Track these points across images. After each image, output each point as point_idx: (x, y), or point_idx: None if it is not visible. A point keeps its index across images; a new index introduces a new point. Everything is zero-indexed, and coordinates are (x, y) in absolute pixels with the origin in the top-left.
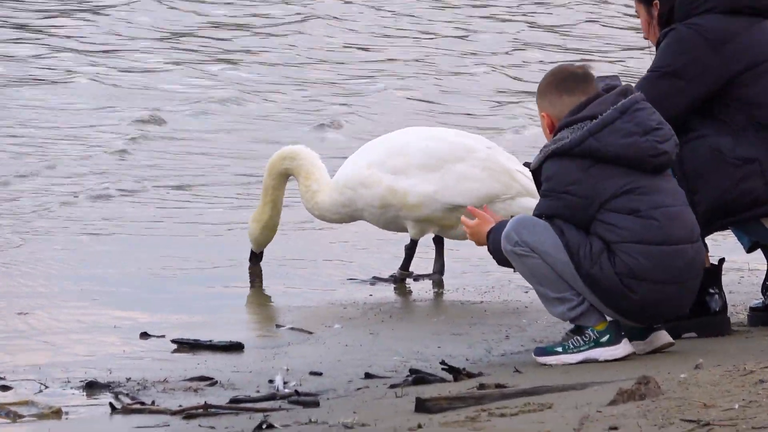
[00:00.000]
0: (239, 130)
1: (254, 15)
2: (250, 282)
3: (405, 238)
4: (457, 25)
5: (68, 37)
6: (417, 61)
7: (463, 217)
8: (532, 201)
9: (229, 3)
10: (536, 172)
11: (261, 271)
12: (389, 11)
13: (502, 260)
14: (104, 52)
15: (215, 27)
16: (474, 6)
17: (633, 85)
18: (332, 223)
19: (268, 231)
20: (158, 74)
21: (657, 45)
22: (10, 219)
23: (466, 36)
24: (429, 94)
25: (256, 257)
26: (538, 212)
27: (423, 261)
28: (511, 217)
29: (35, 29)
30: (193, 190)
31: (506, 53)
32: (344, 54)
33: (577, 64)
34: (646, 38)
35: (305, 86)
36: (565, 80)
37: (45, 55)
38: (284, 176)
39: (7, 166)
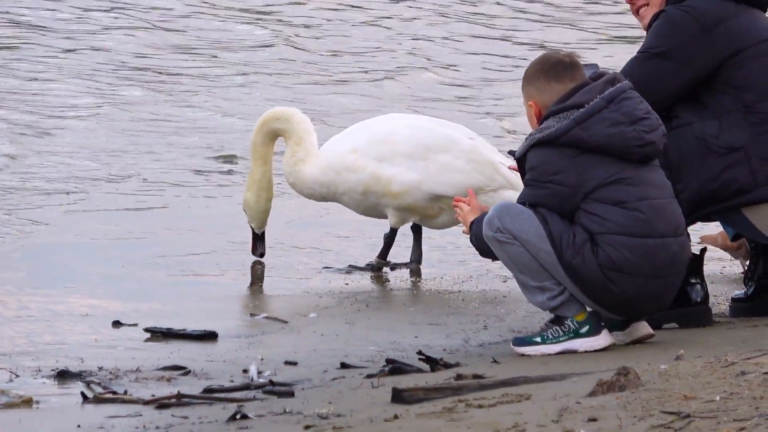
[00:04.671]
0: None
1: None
2: (252, 275)
3: (382, 226)
4: None
5: None
6: None
7: (460, 200)
8: (515, 193)
9: None
10: (521, 160)
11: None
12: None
13: (484, 251)
14: None
15: None
16: None
17: (620, 71)
18: (301, 195)
19: (264, 194)
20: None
21: (648, 27)
22: None
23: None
24: None
25: (259, 240)
26: (522, 201)
27: (400, 249)
28: None
29: None
30: (165, 177)
31: None
32: None
33: (564, 52)
34: (636, 16)
35: None
36: (554, 67)
37: None
38: (273, 136)
39: None
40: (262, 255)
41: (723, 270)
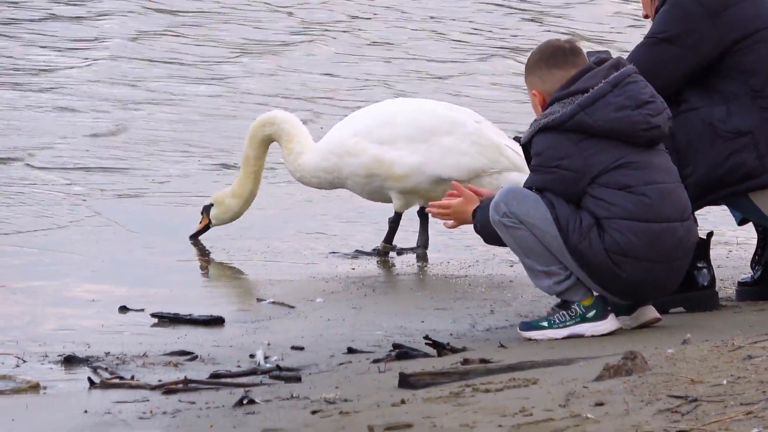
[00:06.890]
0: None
1: None
2: (200, 254)
3: (388, 211)
4: None
5: None
6: None
7: (445, 200)
8: (519, 176)
9: None
10: (526, 146)
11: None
12: None
13: (489, 237)
14: None
15: None
16: None
17: (624, 57)
18: (311, 187)
19: (246, 206)
20: None
21: (655, 13)
22: None
23: None
24: None
25: (204, 231)
26: (528, 186)
27: (407, 234)
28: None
29: None
30: (169, 161)
31: None
32: None
33: (564, 38)
34: (645, 16)
35: None
36: (554, 54)
37: None
38: (266, 144)
39: None
40: (192, 239)
41: (729, 254)
